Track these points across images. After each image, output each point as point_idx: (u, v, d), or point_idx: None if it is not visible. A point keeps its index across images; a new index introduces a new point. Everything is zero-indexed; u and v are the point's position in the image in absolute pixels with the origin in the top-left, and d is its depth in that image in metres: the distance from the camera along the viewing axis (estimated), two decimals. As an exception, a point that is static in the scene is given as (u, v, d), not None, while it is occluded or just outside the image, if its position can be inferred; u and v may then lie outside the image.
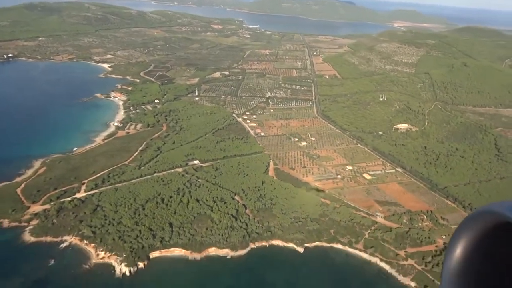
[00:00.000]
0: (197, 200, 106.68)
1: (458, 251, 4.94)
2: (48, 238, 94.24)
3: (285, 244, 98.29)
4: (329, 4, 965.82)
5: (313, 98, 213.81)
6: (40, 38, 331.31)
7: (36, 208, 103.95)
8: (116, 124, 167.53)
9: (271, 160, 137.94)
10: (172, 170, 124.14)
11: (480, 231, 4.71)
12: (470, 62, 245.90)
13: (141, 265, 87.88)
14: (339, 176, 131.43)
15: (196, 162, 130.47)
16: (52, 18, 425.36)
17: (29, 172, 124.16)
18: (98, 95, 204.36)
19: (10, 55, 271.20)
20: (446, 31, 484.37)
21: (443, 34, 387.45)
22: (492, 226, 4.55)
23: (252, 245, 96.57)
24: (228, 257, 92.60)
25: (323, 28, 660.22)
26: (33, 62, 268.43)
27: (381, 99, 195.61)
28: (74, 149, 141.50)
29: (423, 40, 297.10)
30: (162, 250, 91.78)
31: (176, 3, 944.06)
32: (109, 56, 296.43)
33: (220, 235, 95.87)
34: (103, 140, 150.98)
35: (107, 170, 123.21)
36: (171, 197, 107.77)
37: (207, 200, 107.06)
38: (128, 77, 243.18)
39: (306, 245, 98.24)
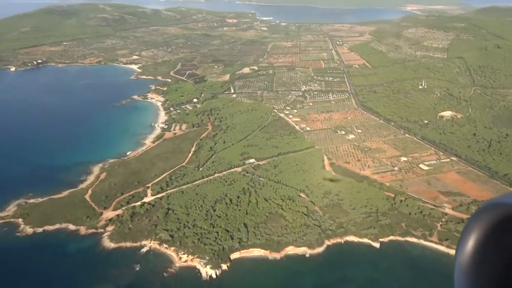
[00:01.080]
0: (266, 199, 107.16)
1: (470, 242, 5.03)
2: (128, 244, 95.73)
3: (360, 240, 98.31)
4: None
5: (349, 89, 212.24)
6: (65, 43, 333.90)
7: (109, 214, 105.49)
8: (160, 125, 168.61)
9: (324, 155, 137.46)
10: (231, 170, 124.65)
11: (492, 223, 4.73)
12: (503, 44, 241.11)
13: (224, 266, 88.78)
14: (395, 168, 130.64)
15: (252, 160, 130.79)
16: (71, 21, 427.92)
17: (91, 178, 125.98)
18: (135, 97, 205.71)
19: (39, 61, 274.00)
20: (468, 13, 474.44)
21: (466, 16, 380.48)
22: (503, 217, 4.56)
23: (327, 242, 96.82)
24: (307, 255, 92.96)
25: (336, 15, 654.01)
26: (63, 67, 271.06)
27: (420, 87, 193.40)
28: (127, 153, 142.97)
29: (451, 24, 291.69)
30: (241, 251, 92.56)
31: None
32: (134, 57, 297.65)
33: (296, 234, 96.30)
34: (153, 142, 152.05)
35: (167, 173, 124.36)
36: (238, 197, 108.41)
37: (275, 199, 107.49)
38: (159, 77, 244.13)
39: (381, 240, 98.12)
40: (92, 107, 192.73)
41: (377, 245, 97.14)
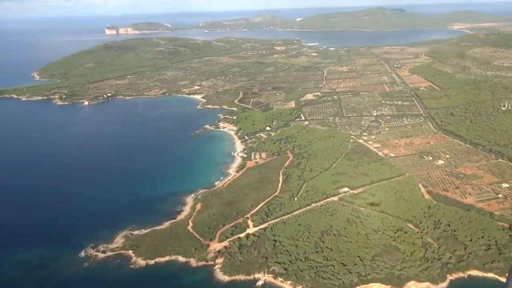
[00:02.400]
0: (375, 231, 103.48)
1: None
2: (241, 277, 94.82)
3: (485, 274, 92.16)
4: (380, 14, 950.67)
5: (422, 113, 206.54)
6: (128, 76, 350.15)
7: (216, 246, 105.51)
8: (240, 154, 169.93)
9: (418, 183, 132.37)
10: (328, 200, 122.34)
11: None
12: None
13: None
14: (499, 195, 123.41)
15: (346, 189, 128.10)
16: (128, 56, 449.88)
17: (187, 208, 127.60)
18: (207, 126, 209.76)
19: (108, 94, 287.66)
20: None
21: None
22: None
23: (450, 277, 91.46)
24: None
25: (380, 38, 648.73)
26: (130, 100, 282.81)
27: (504, 108, 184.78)
28: (216, 183, 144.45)
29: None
30: (361, 286, 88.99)
31: (228, 29, 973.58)
32: (196, 87, 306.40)
33: (416, 267, 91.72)
34: (237, 171, 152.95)
35: (263, 203, 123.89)
36: (345, 228, 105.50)
37: (385, 230, 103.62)
38: (224, 107, 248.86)
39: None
40: (169, 137, 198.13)
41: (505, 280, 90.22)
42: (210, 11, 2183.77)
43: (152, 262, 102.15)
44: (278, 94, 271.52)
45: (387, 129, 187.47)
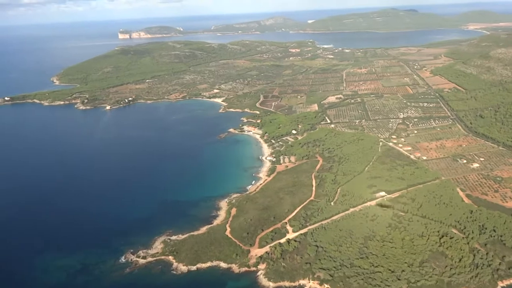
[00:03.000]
0: (420, 236, 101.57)
1: None
2: (286, 283, 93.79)
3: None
4: (393, 15, 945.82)
5: (449, 115, 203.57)
6: (147, 80, 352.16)
7: (257, 251, 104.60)
8: (268, 158, 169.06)
9: (456, 186, 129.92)
10: (366, 204, 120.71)
11: None
12: None
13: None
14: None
15: (382, 193, 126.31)
16: (145, 60, 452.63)
17: (222, 213, 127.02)
18: (232, 130, 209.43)
19: (129, 98, 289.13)
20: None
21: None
22: None
23: (500, 284, 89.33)
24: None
25: (397, 39, 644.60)
26: (151, 104, 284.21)
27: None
28: (248, 187, 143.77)
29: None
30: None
31: (240, 32, 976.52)
32: (215, 90, 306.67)
33: (466, 274, 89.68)
34: (268, 176, 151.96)
35: (299, 208, 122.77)
36: (389, 233, 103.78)
37: (429, 235, 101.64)
38: (246, 110, 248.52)
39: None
40: (194, 141, 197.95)
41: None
42: (218, 14, 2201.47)
43: (193, 268, 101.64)
44: (299, 97, 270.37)
45: (415, 131, 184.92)
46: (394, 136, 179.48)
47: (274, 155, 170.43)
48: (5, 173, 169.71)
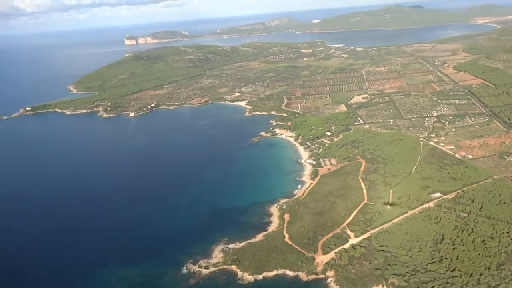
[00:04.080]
0: (491, 238, 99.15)
1: None
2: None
3: None
4: (400, 12, 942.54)
5: (484, 111, 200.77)
6: (166, 86, 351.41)
7: (322, 258, 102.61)
8: (308, 161, 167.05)
9: None
10: (424, 206, 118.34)
11: None
12: None
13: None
14: None
15: (438, 194, 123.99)
16: (159, 65, 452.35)
17: (274, 219, 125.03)
18: (263, 133, 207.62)
19: (152, 105, 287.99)
20: None
21: None
22: None
23: None
24: None
25: (406, 36, 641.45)
26: (174, 109, 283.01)
27: None
28: (294, 192, 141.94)
29: None
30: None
31: (246, 34, 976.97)
32: (236, 94, 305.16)
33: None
34: (312, 179, 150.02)
35: (355, 212, 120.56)
36: (458, 236, 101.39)
37: (500, 237, 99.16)
38: (273, 113, 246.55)
39: None
40: (228, 145, 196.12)
41: None
42: (219, 17, 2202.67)
43: (260, 277, 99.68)
44: (323, 97, 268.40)
45: (453, 129, 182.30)
46: (433, 135, 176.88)
47: (313, 158, 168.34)
48: (56, 184, 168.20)
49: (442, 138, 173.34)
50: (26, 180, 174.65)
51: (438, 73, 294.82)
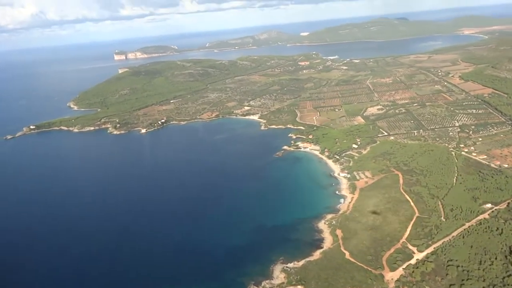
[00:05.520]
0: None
1: None
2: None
3: None
4: (387, 24, 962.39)
5: (504, 120, 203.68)
6: (172, 101, 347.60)
7: (391, 275, 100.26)
8: (342, 174, 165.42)
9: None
10: (479, 217, 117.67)
11: None
12: None
13: None
14: None
15: (489, 205, 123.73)
16: (159, 80, 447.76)
17: (326, 236, 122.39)
18: (286, 147, 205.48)
19: (162, 120, 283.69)
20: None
21: None
22: None
23: None
24: None
25: (398, 47, 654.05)
26: (186, 124, 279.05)
27: None
28: (337, 206, 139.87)
29: None
30: None
31: (237, 47, 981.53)
32: (246, 108, 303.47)
33: None
34: (351, 193, 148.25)
35: (410, 226, 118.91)
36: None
37: None
38: (289, 126, 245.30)
39: None
40: (253, 160, 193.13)
41: None
42: (205, 31, 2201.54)
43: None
44: (336, 109, 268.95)
45: (480, 139, 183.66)
46: (462, 145, 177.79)
47: (346, 171, 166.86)
48: (94, 203, 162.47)
49: (472, 148, 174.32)
50: (63, 199, 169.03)
51: (445, 83, 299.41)
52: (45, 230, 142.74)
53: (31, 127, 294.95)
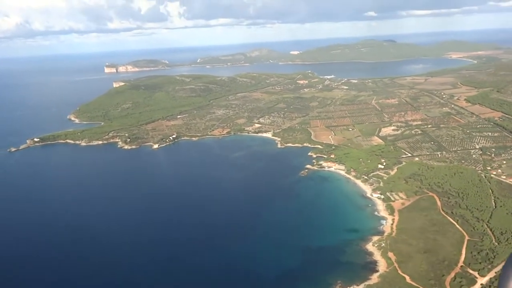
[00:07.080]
0: None
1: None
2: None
3: None
4: (377, 45, 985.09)
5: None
6: (179, 116, 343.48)
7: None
8: (375, 195, 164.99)
9: None
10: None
11: None
12: None
13: None
14: None
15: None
16: (160, 94, 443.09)
17: (378, 259, 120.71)
18: (309, 166, 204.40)
19: (173, 136, 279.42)
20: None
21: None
22: None
23: None
24: None
25: (390, 68, 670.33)
26: (198, 141, 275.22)
27: None
28: (380, 228, 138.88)
29: None
30: None
31: (229, 64, 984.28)
32: (257, 125, 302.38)
33: None
34: (390, 214, 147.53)
35: (464, 248, 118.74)
36: None
37: None
38: (306, 144, 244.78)
39: None
40: (277, 179, 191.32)
41: None
42: (192, 46, 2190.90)
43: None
44: (350, 129, 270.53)
45: (504, 162, 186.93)
46: (489, 168, 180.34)
47: (379, 192, 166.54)
48: (132, 222, 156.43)
49: (499, 170, 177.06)
50: (99, 216, 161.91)
51: (452, 105, 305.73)
52: (72, 258, 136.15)
53: (35, 139, 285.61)
